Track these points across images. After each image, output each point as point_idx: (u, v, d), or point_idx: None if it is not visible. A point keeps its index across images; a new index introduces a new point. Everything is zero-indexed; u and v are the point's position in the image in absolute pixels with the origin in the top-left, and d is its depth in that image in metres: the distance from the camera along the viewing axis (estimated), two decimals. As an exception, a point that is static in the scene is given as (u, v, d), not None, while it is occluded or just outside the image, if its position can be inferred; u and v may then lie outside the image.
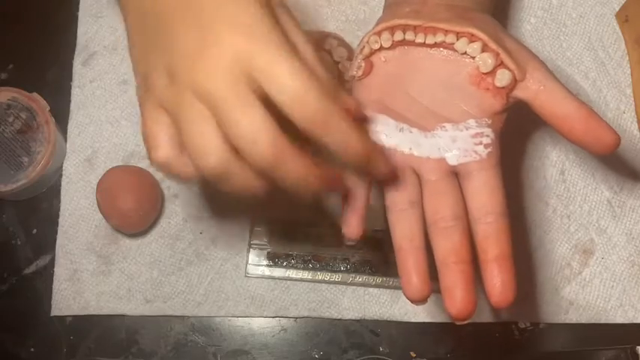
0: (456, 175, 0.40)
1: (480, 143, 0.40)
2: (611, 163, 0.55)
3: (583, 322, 0.53)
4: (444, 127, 0.40)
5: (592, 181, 0.55)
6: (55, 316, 0.54)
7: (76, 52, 0.58)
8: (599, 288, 0.53)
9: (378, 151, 0.36)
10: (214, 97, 0.31)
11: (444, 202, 0.39)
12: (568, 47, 0.57)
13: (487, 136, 0.40)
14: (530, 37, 0.58)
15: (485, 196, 0.39)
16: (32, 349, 0.53)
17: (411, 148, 0.40)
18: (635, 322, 0.53)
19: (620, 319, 0.53)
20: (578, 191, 0.55)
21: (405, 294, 0.39)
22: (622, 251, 0.54)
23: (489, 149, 0.40)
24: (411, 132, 0.40)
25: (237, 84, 0.31)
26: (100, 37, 0.58)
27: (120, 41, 0.58)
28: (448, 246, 0.39)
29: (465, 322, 0.38)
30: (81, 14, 0.58)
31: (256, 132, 0.31)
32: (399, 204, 0.40)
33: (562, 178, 0.55)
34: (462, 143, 0.40)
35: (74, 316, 0.54)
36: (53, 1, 0.59)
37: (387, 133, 0.41)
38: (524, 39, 0.58)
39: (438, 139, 0.40)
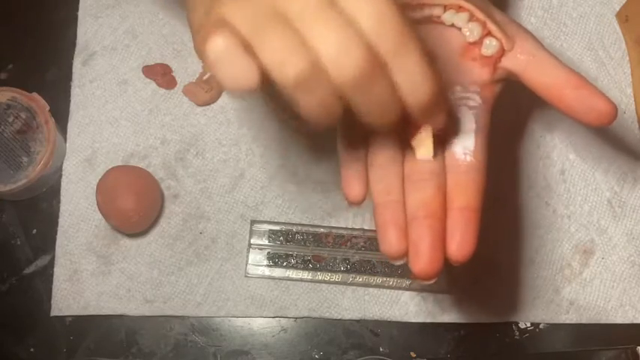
0: None
1: (464, 105, 0.39)
2: (611, 163, 0.55)
3: (583, 322, 0.53)
4: None
5: (592, 181, 0.55)
6: (55, 316, 0.54)
7: (76, 52, 0.58)
8: (599, 288, 0.53)
9: (445, 95, 0.33)
10: (298, 12, 0.29)
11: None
12: (568, 47, 0.57)
13: (472, 99, 0.39)
14: (530, 37, 0.57)
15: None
16: (32, 349, 0.53)
17: None
18: (635, 322, 0.53)
19: (620, 319, 0.53)
20: (578, 191, 0.55)
21: (381, 249, 0.37)
22: (622, 251, 0.54)
23: (473, 111, 0.39)
24: None
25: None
26: (100, 37, 0.58)
27: (120, 41, 0.58)
28: (419, 198, 0.36)
29: (429, 282, 0.35)
30: (81, 14, 0.58)
31: (347, 47, 0.28)
32: (381, 159, 0.39)
33: (562, 178, 0.55)
34: None
35: (74, 316, 0.54)
36: (53, 1, 0.59)
37: None
38: (525, 39, 0.58)
39: None
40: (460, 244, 0.35)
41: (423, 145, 0.37)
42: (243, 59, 0.29)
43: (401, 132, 0.38)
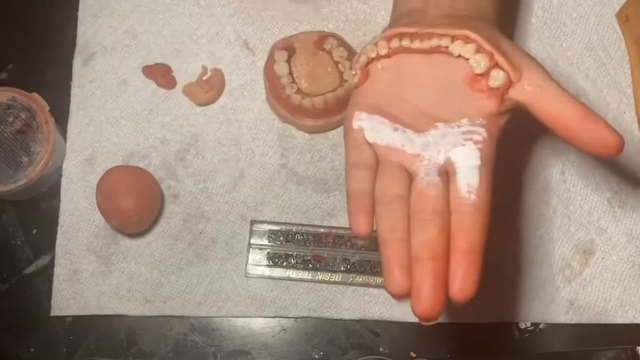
0: (446, 173, 0.40)
1: (470, 139, 0.39)
2: (611, 163, 0.55)
3: (583, 322, 0.53)
4: (436, 126, 0.40)
5: (592, 181, 0.55)
6: (54, 316, 0.54)
7: (76, 52, 0.58)
8: (599, 288, 0.53)
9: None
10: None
11: (426, 195, 0.38)
12: (568, 47, 0.57)
13: (478, 134, 0.39)
14: (530, 37, 0.57)
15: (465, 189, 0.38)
16: (32, 349, 0.53)
17: (403, 145, 0.40)
18: (635, 322, 0.53)
19: (620, 319, 0.53)
20: (578, 191, 0.55)
21: (386, 288, 0.38)
22: (622, 251, 0.54)
23: (479, 146, 0.39)
24: (404, 131, 0.40)
25: None
26: (100, 37, 0.58)
27: (120, 41, 0.58)
28: (423, 240, 0.37)
29: (430, 323, 0.36)
30: (81, 14, 0.58)
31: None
32: (387, 196, 0.39)
33: (562, 179, 0.55)
34: (451, 138, 0.39)
35: (74, 316, 0.54)
36: (53, 1, 0.59)
37: (381, 132, 0.41)
38: (525, 39, 0.58)
39: (429, 137, 0.40)
40: (462, 286, 0.36)
41: None
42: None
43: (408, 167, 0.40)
